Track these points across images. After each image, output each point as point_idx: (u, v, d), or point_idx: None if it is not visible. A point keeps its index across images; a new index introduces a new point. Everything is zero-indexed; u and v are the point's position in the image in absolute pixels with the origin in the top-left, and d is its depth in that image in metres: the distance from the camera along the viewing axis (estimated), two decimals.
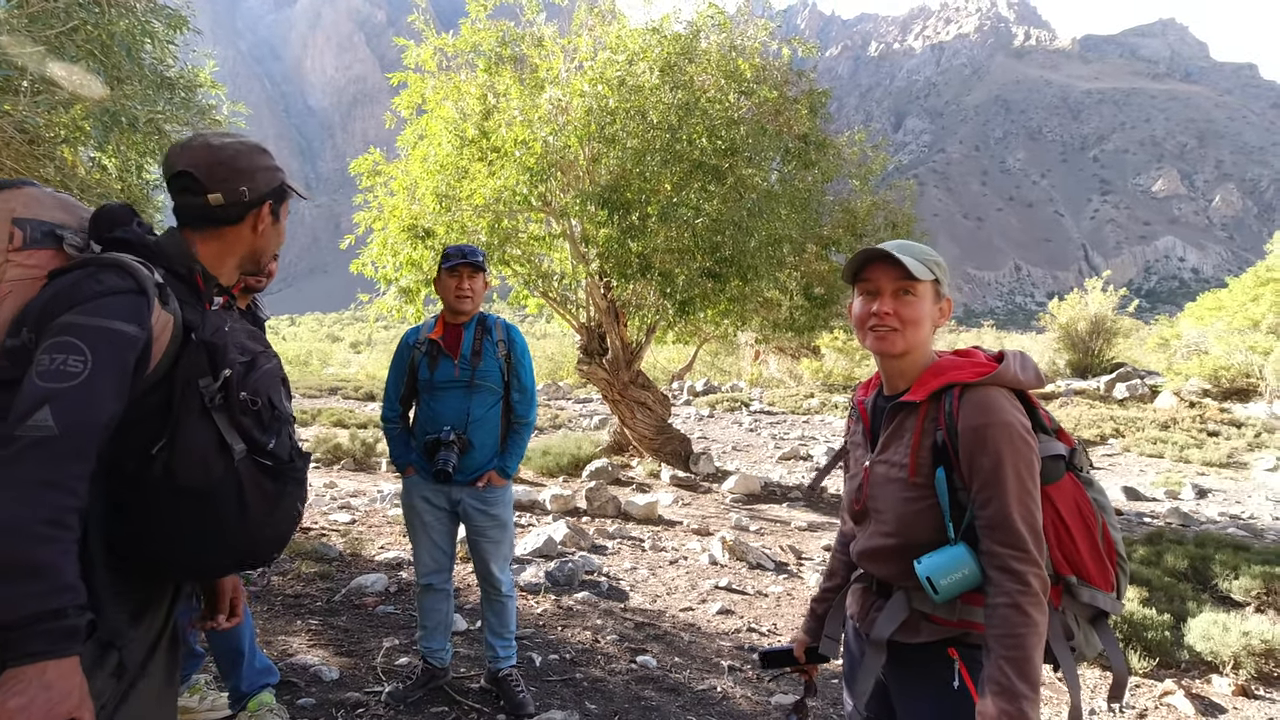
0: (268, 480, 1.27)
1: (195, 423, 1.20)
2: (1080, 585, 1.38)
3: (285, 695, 2.89)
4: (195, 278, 1.31)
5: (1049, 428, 1.44)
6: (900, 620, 1.43)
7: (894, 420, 1.47)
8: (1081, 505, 1.39)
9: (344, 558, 4.79)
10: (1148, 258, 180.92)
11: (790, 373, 21.98)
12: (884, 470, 1.47)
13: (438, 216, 7.41)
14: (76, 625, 1.03)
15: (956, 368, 1.42)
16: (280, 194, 1.42)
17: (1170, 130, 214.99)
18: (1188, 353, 19.26)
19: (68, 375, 1.09)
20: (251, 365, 1.30)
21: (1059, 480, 1.39)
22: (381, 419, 3.10)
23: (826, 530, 6.89)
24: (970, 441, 1.34)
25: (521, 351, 3.02)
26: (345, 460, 8.67)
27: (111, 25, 3.60)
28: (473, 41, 7.79)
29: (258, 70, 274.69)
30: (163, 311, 1.21)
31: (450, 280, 2.90)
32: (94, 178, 4.75)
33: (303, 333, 45.78)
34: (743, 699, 3.32)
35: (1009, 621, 1.25)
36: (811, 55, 9.63)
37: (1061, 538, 1.37)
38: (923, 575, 1.34)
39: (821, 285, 9.97)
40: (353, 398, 16.89)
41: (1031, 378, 1.41)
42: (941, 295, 1.49)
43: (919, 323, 1.44)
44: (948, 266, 1.52)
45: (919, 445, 1.40)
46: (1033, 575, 1.27)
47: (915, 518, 1.40)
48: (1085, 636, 1.41)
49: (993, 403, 1.35)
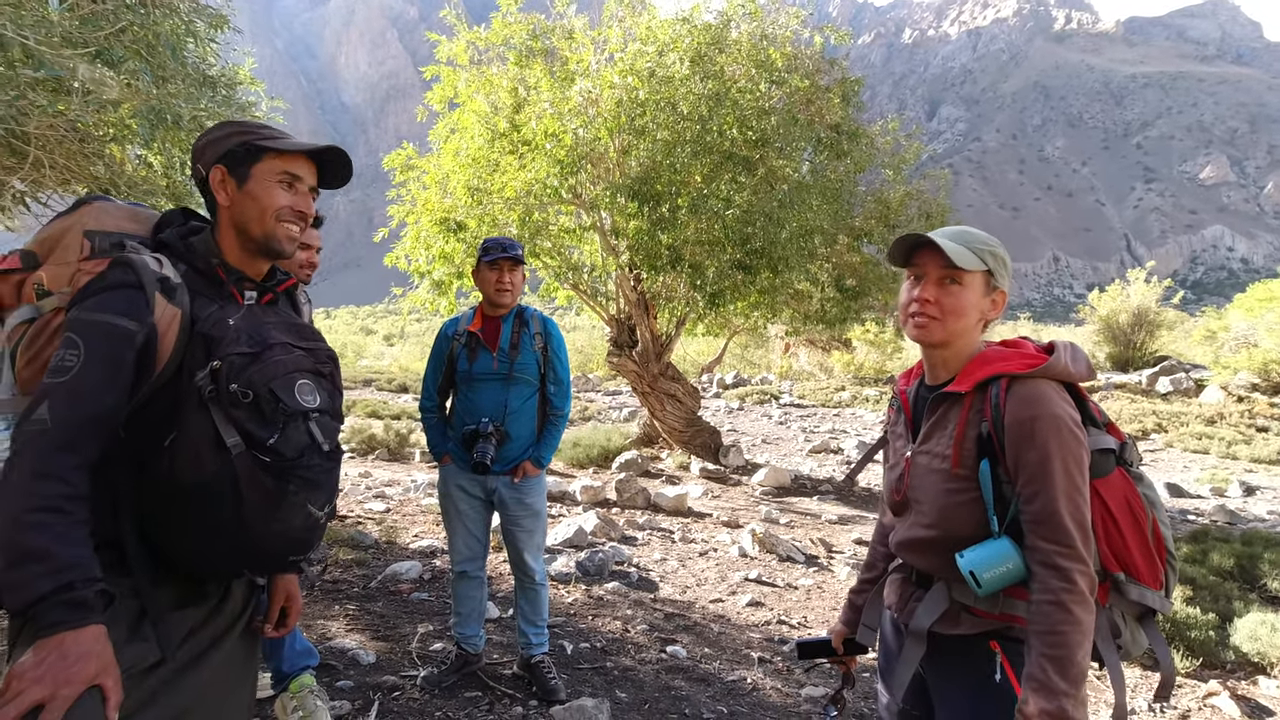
0: (268, 478, 1.21)
1: (193, 416, 1.19)
2: (1129, 583, 1.35)
3: (325, 677, 2.98)
4: (216, 271, 1.33)
5: (1099, 421, 1.40)
6: (940, 611, 1.41)
7: (937, 410, 1.45)
8: (1132, 501, 1.36)
9: (379, 545, 4.90)
10: (1194, 247, 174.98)
11: (821, 365, 21.78)
12: (926, 461, 1.45)
13: (469, 210, 7.48)
14: (84, 597, 1.07)
15: (1004, 359, 1.39)
16: (234, 155, 1.33)
17: (1220, 115, 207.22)
18: (1236, 345, 18.61)
19: (63, 370, 1.15)
20: (256, 358, 1.25)
21: (1109, 475, 1.36)
22: (420, 409, 3.15)
23: (857, 524, 6.84)
24: (1017, 434, 1.31)
25: (558, 345, 3.05)
26: (380, 450, 8.84)
27: (157, 26, 3.70)
28: (504, 35, 7.83)
29: (293, 68, 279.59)
30: (168, 305, 1.22)
31: (490, 274, 2.94)
32: (141, 175, 4.89)
33: (338, 326, 46.67)
34: (773, 690, 3.32)
35: (1052, 619, 1.23)
36: (844, 43, 9.47)
37: (1110, 534, 1.34)
38: (965, 569, 1.32)
39: (853, 277, 9.85)
40: (386, 389, 17.18)
41: (1083, 370, 1.38)
42: (995, 287, 1.45)
43: (961, 313, 1.41)
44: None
45: (963, 437, 1.38)
46: (1079, 573, 1.24)
47: (957, 510, 1.38)
48: (1132, 635, 1.38)
49: (1042, 395, 1.32)
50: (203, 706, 1.27)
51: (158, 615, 1.22)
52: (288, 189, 1.35)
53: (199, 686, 1.27)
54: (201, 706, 1.26)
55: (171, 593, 1.26)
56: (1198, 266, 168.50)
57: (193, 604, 1.29)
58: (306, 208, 1.38)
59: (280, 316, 1.39)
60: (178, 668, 1.23)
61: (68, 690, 1.02)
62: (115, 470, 1.21)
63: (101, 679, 1.06)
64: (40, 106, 3.30)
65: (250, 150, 1.33)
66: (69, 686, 1.02)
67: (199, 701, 1.26)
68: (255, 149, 1.33)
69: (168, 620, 1.23)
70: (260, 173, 1.33)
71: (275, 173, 1.34)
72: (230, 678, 1.35)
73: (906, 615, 1.49)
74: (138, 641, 1.19)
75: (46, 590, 1.05)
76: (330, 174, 1.44)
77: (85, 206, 1.37)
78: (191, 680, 1.25)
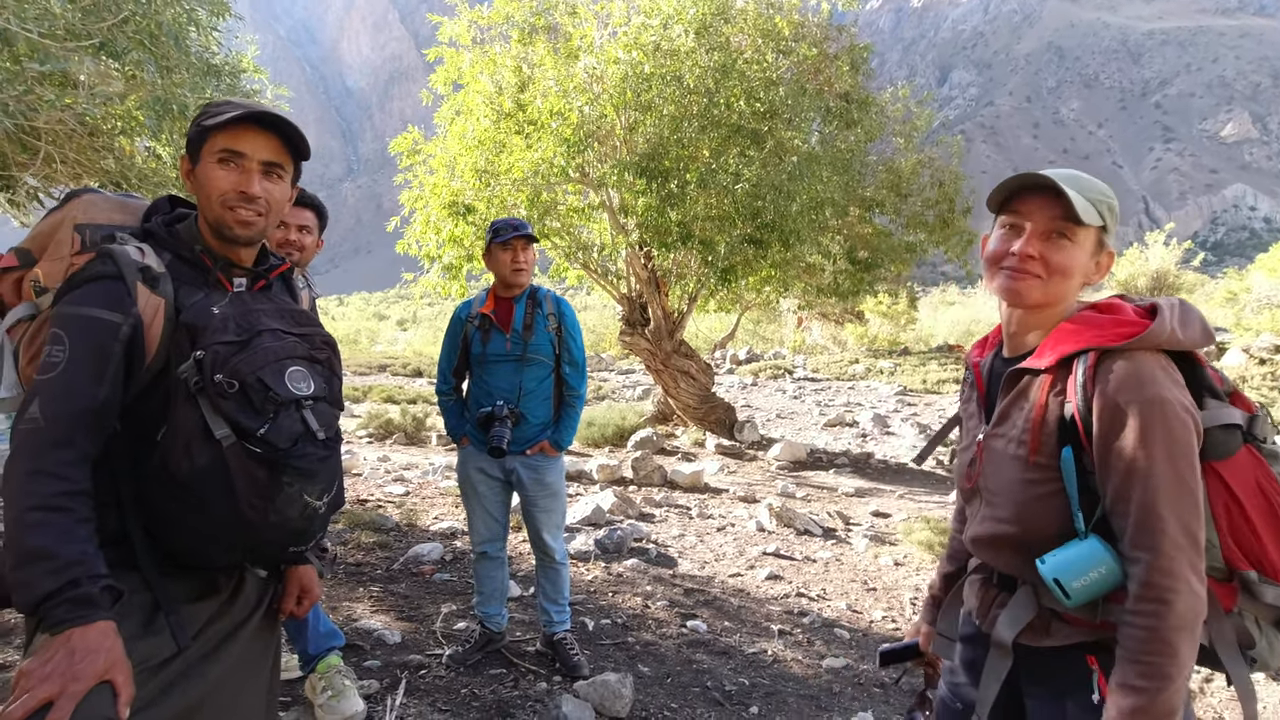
0: (260, 469, 1.18)
1: (182, 408, 1.17)
2: (1262, 583, 1.12)
3: (352, 658, 3.03)
4: (201, 258, 1.30)
5: (1221, 390, 1.18)
6: (1026, 620, 1.22)
7: (1014, 387, 1.25)
8: (1264, 484, 1.14)
9: (400, 528, 4.96)
10: (1214, 208, 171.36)
11: (834, 339, 21.67)
12: (1000, 446, 1.26)
13: (478, 192, 7.46)
14: (89, 594, 1.07)
15: (1096, 326, 1.17)
16: (191, 140, 1.29)
17: (1241, 70, 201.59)
18: (1259, 307, 18.28)
19: (51, 366, 1.15)
20: (244, 345, 1.21)
21: (1234, 454, 1.14)
22: (436, 392, 3.17)
23: (874, 496, 6.84)
24: (1109, 421, 1.11)
25: (572, 325, 3.05)
26: (397, 435, 8.92)
27: (158, 15, 3.69)
28: (506, 13, 7.75)
29: (296, 54, 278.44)
30: (152, 295, 1.20)
31: (504, 254, 2.92)
32: (150, 166, 4.91)
33: (351, 312, 46.95)
34: (794, 662, 3.35)
35: (1141, 649, 1.05)
36: (852, 9, 9.30)
37: (1236, 525, 1.13)
38: (1049, 577, 1.14)
39: (865, 248, 9.77)
40: (401, 374, 17.31)
41: (1196, 334, 1.15)
42: (1105, 246, 1.24)
43: (1069, 274, 1.21)
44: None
45: (1042, 420, 1.18)
46: (1179, 594, 1.05)
47: (1036, 504, 1.20)
48: (1269, 643, 1.15)
49: (1140, 373, 1.11)
50: (219, 697, 1.27)
51: (172, 608, 1.22)
52: (231, 169, 1.26)
53: (216, 677, 1.27)
54: (218, 697, 1.27)
55: (184, 585, 1.26)
56: (1219, 227, 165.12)
57: (207, 596, 1.29)
58: (250, 186, 1.26)
59: (274, 303, 1.35)
60: (194, 659, 1.24)
61: (76, 686, 1.02)
62: (116, 464, 1.20)
63: (111, 674, 1.06)
64: (48, 101, 3.31)
65: (199, 131, 1.27)
66: (77, 682, 1.02)
67: (215, 692, 1.26)
68: (202, 129, 1.26)
69: (182, 612, 1.24)
70: (205, 155, 1.27)
71: (214, 152, 1.26)
72: (247, 669, 1.35)
73: (990, 623, 1.29)
74: (152, 635, 1.19)
75: (51, 589, 1.05)
76: (290, 143, 1.33)
77: (74, 200, 1.36)
78: (208, 671, 1.25)
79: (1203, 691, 3.19)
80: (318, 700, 2.54)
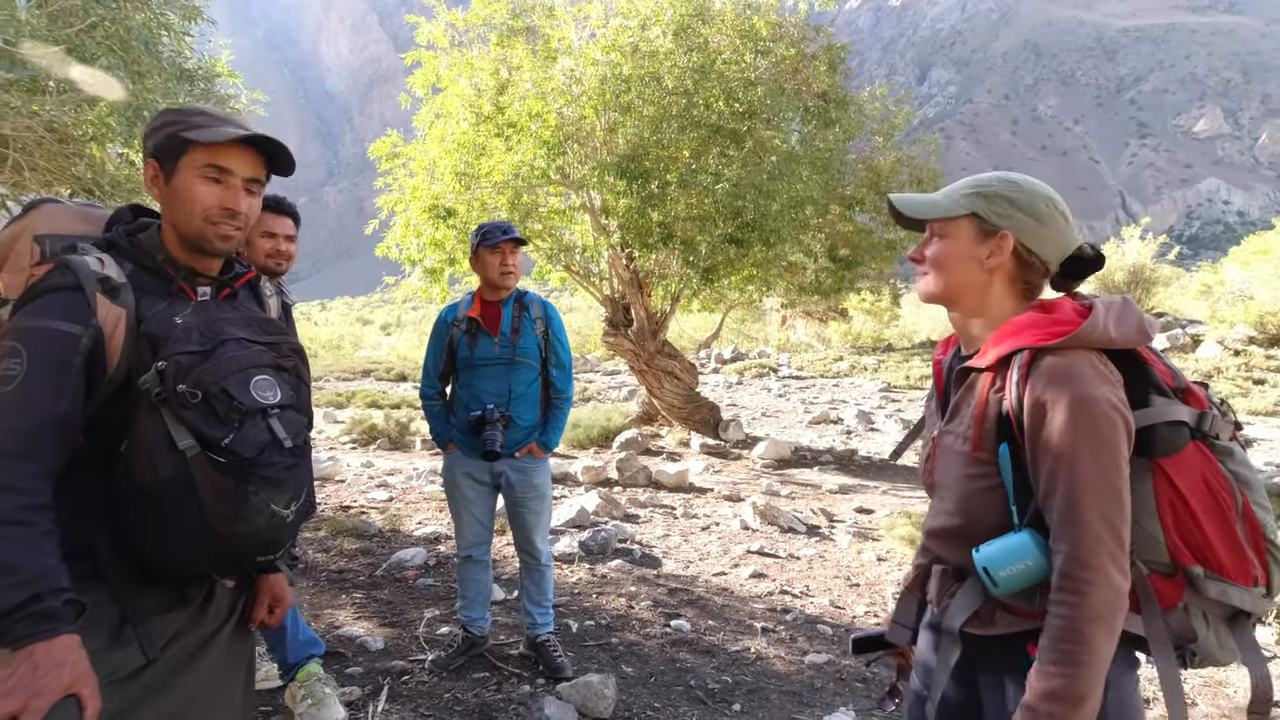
0: (226, 479, 1.17)
1: (145, 419, 1.16)
2: (1207, 578, 1.14)
3: (334, 665, 3.02)
4: (163, 267, 1.28)
5: (1169, 388, 1.19)
6: (973, 609, 1.26)
7: (962, 385, 1.29)
8: (1211, 480, 1.15)
9: (383, 534, 4.93)
10: (1189, 202, 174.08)
11: (818, 336, 21.80)
12: (949, 441, 1.30)
13: (458, 195, 7.43)
14: (51, 608, 1.06)
15: (1034, 325, 1.20)
16: (164, 149, 1.25)
17: (1213, 66, 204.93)
18: (1232, 299, 18.62)
19: (8, 379, 1.13)
20: (207, 355, 1.20)
21: (1181, 451, 1.15)
22: (420, 396, 3.15)
23: (858, 492, 6.89)
24: (1037, 417, 1.14)
25: (558, 327, 3.06)
26: (381, 440, 8.86)
27: (128, 19, 3.65)
28: (484, 15, 7.72)
29: (274, 57, 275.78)
30: (112, 306, 1.19)
31: (493, 257, 2.91)
32: (124, 173, 4.85)
33: (334, 317, 46.59)
34: (777, 659, 3.37)
35: (1059, 639, 1.09)
36: (830, 8, 9.35)
37: (1182, 521, 1.15)
38: (980, 565, 1.18)
39: (846, 246, 9.83)
40: (385, 379, 17.20)
41: (1131, 331, 1.17)
42: (995, 229, 1.26)
43: (944, 265, 1.29)
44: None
45: (983, 416, 1.22)
46: (1095, 585, 1.07)
47: (978, 497, 1.24)
48: (1219, 639, 1.17)
49: (1069, 371, 1.13)
50: (193, 710, 1.27)
51: (140, 620, 1.21)
52: (215, 184, 1.26)
53: (188, 690, 1.26)
54: (191, 710, 1.26)
55: (152, 597, 1.25)
56: (1193, 221, 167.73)
57: (176, 607, 1.28)
58: (236, 203, 1.28)
59: (240, 311, 1.33)
60: (164, 672, 1.23)
61: (39, 701, 1.02)
62: (81, 476, 1.19)
63: (77, 688, 1.06)
64: (14, 108, 3.26)
65: (178, 142, 1.24)
66: (40, 697, 1.02)
67: (188, 706, 1.26)
68: (181, 140, 1.24)
69: (150, 624, 1.23)
70: (185, 167, 1.25)
71: (199, 167, 1.25)
72: (220, 680, 1.35)
73: (943, 612, 1.33)
74: (120, 648, 1.18)
75: (13, 603, 1.04)
76: (275, 164, 1.34)
77: (34, 211, 1.35)
78: (180, 684, 1.25)
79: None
80: (298, 709, 2.53)
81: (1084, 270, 1.29)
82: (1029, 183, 1.28)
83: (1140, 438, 1.15)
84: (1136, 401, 1.17)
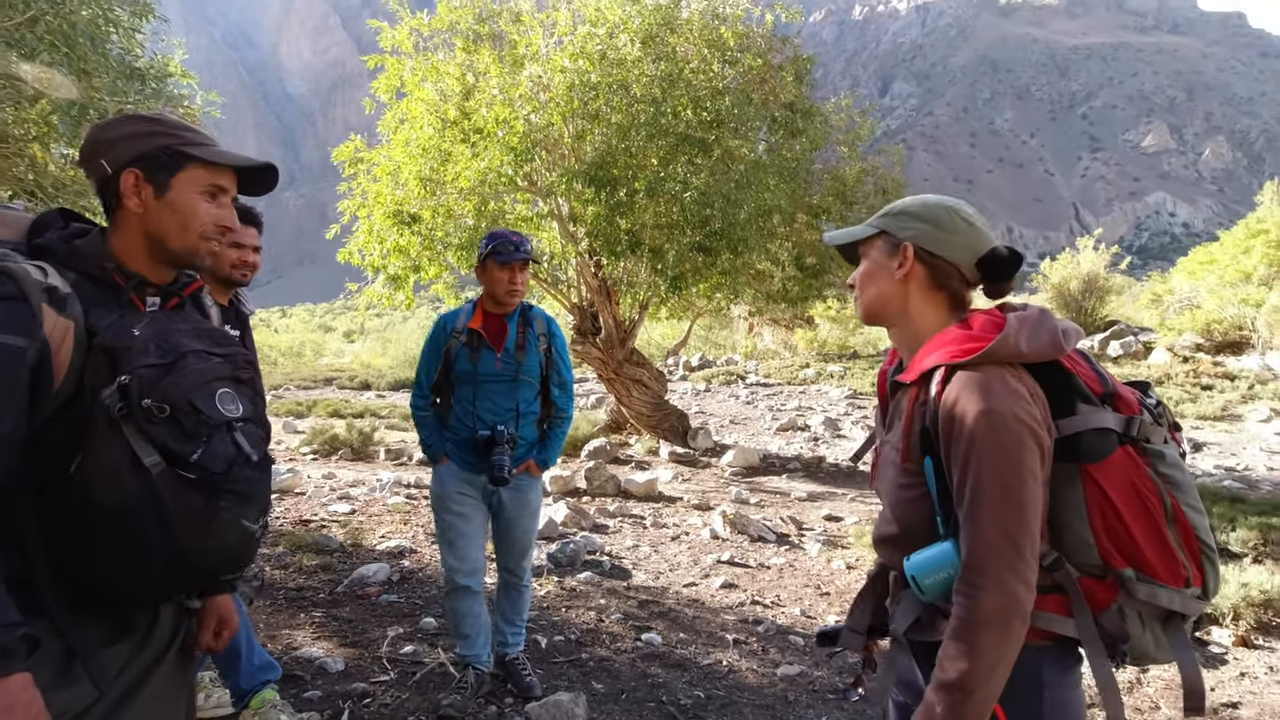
0: (195, 495, 1.14)
1: (103, 436, 1.10)
2: (1138, 581, 1.17)
3: (291, 689, 2.89)
4: (112, 277, 1.21)
5: (1097, 394, 1.22)
6: (914, 616, 1.31)
7: (895, 398, 1.36)
8: (1140, 484, 1.17)
9: (345, 549, 4.78)
10: (1138, 214, 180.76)
11: (785, 344, 21.98)
12: (886, 452, 1.35)
13: (423, 201, 7.31)
14: (4, 644, 1.00)
15: (951, 342, 1.24)
16: (154, 160, 1.21)
17: (1159, 84, 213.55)
18: (1180, 308, 19.29)
19: None
20: (170, 368, 1.16)
21: (1108, 457, 1.18)
22: (411, 406, 2.98)
23: (826, 500, 6.92)
24: (947, 432, 1.19)
25: (562, 345, 2.97)
26: (343, 450, 8.64)
27: (73, 14, 3.48)
28: (449, 20, 7.63)
29: (233, 58, 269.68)
30: (60, 318, 1.11)
31: (501, 274, 2.77)
32: (68, 174, 4.65)
33: (295, 324, 45.48)
34: (749, 671, 3.34)
35: (952, 636, 1.14)
36: (796, 20, 9.46)
37: (1111, 525, 1.17)
38: (909, 573, 1.24)
39: (813, 255, 9.92)
40: (348, 387, 16.82)
41: (1044, 345, 1.19)
42: (898, 244, 1.33)
43: (865, 283, 1.39)
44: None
45: (909, 430, 1.27)
46: (985, 591, 1.11)
47: (909, 506, 1.29)
48: (1155, 638, 1.21)
49: (978, 388, 1.16)
50: None
51: (88, 653, 1.14)
52: (211, 200, 1.26)
53: (153, 708, 1.22)
54: None
55: (97, 627, 1.18)
56: (1142, 232, 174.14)
57: (123, 636, 1.22)
58: (231, 222, 1.29)
59: (190, 322, 1.29)
60: (110, 705, 1.16)
61: None
62: (17, 500, 1.10)
63: None
64: None
65: (173, 156, 1.21)
66: None
67: None
68: (179, 155, 1.21)
69: (99, 656, 1.16)
70: (183, 183, 1.23)
71: (200, 185, 1.24)
72: (164, 709, 1.29)
73: (892, 618, 1.38)
74: (70, 684, 1.11)
75: None
76: (254, 183, 1.35)
77: None
78: (125, 716, 1.19)
79: (1140, 683, 3.30)
80: None
81: (1004, 271, 1.32)
82: (934, 199, 1.35)
83: (1067, 445, 1.19)
84: (1062, 410, 1.20)
